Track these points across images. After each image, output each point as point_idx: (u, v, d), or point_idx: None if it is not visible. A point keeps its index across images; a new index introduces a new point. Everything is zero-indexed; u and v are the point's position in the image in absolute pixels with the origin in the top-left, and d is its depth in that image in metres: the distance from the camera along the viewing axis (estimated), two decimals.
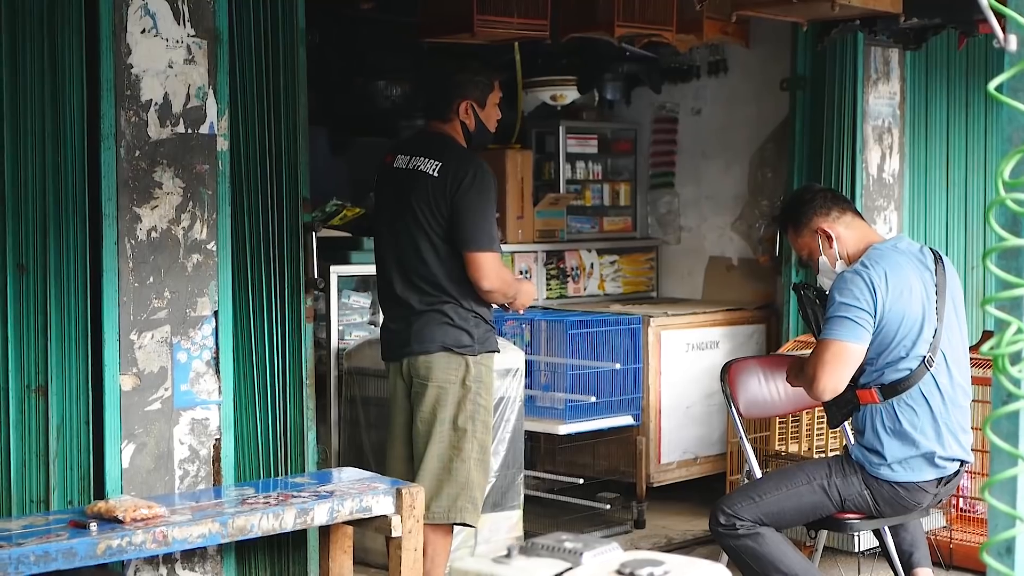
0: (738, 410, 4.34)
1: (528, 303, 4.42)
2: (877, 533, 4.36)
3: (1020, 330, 1.63)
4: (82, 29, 3.72)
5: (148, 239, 3.88)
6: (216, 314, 4.03)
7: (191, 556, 3.98)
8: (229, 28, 4.05)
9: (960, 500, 5.30)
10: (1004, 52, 1.71)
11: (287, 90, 4.22)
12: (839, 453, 4.61)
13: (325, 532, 4.08)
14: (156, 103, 3.88)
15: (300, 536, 4.21)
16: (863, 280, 3.85)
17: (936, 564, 4.78)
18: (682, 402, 6.24)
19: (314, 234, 4.40)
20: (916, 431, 3.88)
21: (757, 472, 4.24)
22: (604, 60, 6.93)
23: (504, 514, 5.19)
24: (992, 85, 1.63)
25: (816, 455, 5.38)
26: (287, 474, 4.22)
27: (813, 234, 4.07)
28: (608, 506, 5.93)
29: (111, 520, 3.38)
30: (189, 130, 3.96)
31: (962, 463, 3.98)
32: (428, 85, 4.57)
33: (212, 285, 4.03)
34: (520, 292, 4.35)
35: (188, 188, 3.96)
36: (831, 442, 5.47)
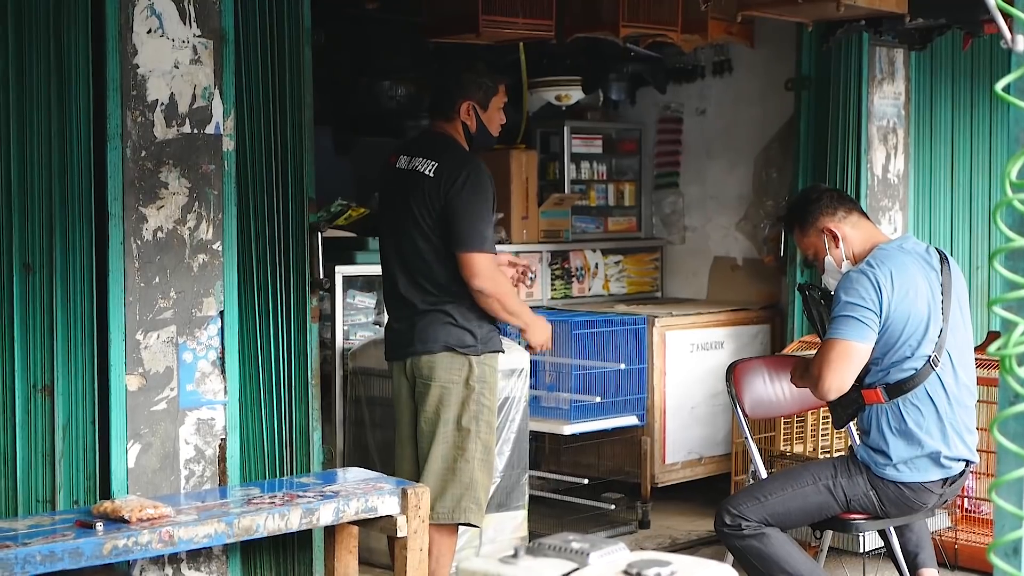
0: (743, 410, 4.34)
1: (544, 340, 4.38)
2: (882, 534, 4.36)
3: None
4: (88, 29, 3.73)
5: (154, 239, 3.88)
6: (222, 314, 4.04)
7: (197, 556, 3.98)
8: (235, 28, 4.06)
9: (965, 501, 5.30)
10: (1011, 52, 1.72)
11: (293, 90, 4.22)
12: (844, 453, 4.60)
13: (330, 532, 4.09)
14: (162, 103, 3.88)
15: (305, 536, 4.21)
16: (869, 279, 3.84)
17: (941, 565, 4.78)
18: (687, 402, 6.24)
19: (319, 234, 4.41)
20: (921, 431, 3.87)
21: (762, 472, 4.24)
22: (609, 60, 6.93)
23: (509, 514, 5.19)
24: (1000, 85, 1.63)
25: (821, 455, 5.38)
26: (292, 474, 4.22)
27: (819, 234, 4.07)
28: (613, 506, 5.93)
29: (117, 520, 3.39)
30: (195, 130, 3.96)
31: (967, 463, 3.97)
32: (434, 84, 4.57)
33: (218, 285, 4.03)
34: (532, 325, 4.32)
35: (194, 188, 3.96)
36: (836, 442, 5.47)
